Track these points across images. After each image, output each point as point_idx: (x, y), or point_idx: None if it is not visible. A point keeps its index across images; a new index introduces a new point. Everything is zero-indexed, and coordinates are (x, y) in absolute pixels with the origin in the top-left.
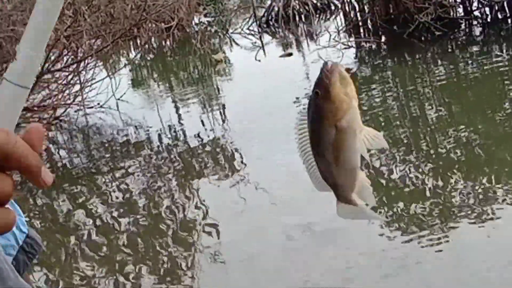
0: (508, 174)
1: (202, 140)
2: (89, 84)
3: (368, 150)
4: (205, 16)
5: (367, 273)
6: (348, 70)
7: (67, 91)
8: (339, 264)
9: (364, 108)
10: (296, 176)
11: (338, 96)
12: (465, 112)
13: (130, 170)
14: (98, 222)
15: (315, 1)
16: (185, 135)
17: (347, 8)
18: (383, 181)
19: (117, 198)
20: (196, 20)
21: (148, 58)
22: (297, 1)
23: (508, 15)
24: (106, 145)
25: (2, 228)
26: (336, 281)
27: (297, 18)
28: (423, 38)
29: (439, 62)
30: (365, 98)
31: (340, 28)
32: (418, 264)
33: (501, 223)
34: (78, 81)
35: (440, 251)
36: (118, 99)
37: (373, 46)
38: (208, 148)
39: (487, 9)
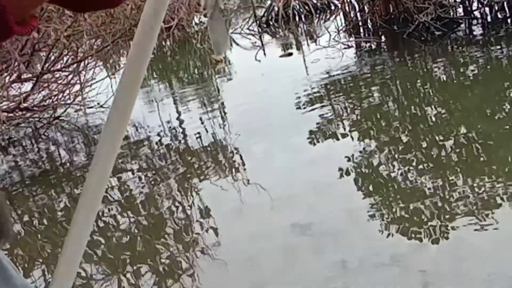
0: (508, 174)
1: (202, 140)
2: (89, 84)
3: None
4: (205, 16)
5: (367, 272)
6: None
7: (67, 91)
8: (339, 264)
9: (364, 107)
10: (296, 176)
11: None
12: (465, 112)
13: (130, 170)
14: (98, 222)
15: (315, 1)
16: (185, 135)
17: (347, 8)
18: (383, 181)
19: (117, 198)
20: (196, 20)
21: None
22: (297, 1)
23: (508, 15)
24: None
25: None
26: (336, 281)
27: (297, 18)
28: (423, 38)
29: (439, 62)
30: (365, 98)
31: (340, 28)
32: (418, 264)
33: (501, 223)
34: (78, 81)
35: (440, 250)
36: None
37: (373, 46)
38: (208, 148)
39: (487, 9)
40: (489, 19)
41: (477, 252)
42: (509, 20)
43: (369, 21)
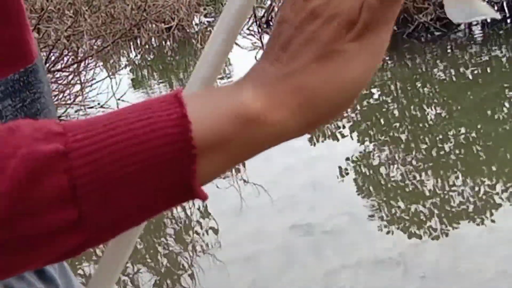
0: (508, 174)
1: None
2: (90, 84)
3: None
4: (205, 16)
5: (367, 272)
6: None
7: (67, 91)
8: (339, 264)
9: (363, 108)
10: (296, 176)
11: None
12: (465, 112)
13: None
14: None
15: None
16: None
17: None
18: (383, 181)
19: None
20: (196, 20)
21: (149, 58)
22: None
23: (508, 15)
24: None
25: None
26: (336, 281)
27: None
28: (422, 38)
29: (439, 62)
30: (365, 98)
31: None
32: (417, 264)
33: (500, 223)
34: (78, 81)
35: (440, 250)
36: (119, 99)
37: None
38: None
39: None
40: (488, 19)
41: (477, 252)
42: (508, 20)
43: None
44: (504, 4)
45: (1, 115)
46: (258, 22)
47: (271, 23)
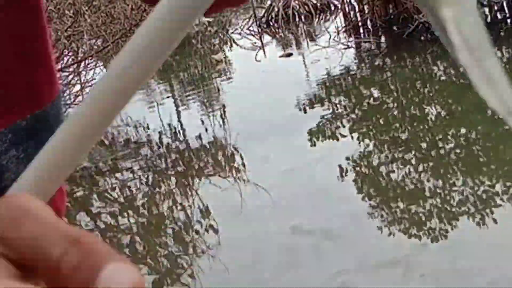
0: (508, 174)
1: (202, 140)
2: (90, 84)
3: None
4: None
5: (367, 273)
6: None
7: (67, 91)
8: (339, 264)
9: (363, 108)
10: (296, 176)
11: None
12: (465, 112)
13: (130, 170)
14: (98, 222)
15: (315, 1)
16: (185, 135)
17: (346, 8)
18: (383, 181)
19: (117, 198)
20: (196, 20)
21: None
22: (297, 1)
23: (508, 15)
24: (106, 145)
25: None
26: (336, 282)
27: (297, 18)
28: (422, 38)
29: (439, 62)
30: (365, 98)
31: (340, 28)
32: (417, 264)
33: (500, 223)
34: (78, 81)
35: (439, 250)
36: None
37: (373, 46)
38: (208, 148)
39: (486, 9)
40: (488, 19)
41: (477, 252)
42: (508, 21)
43: (368, 21)
44: (504, 4)
45: (6, 168)
46: (258, 22)
47: (271, 23)
